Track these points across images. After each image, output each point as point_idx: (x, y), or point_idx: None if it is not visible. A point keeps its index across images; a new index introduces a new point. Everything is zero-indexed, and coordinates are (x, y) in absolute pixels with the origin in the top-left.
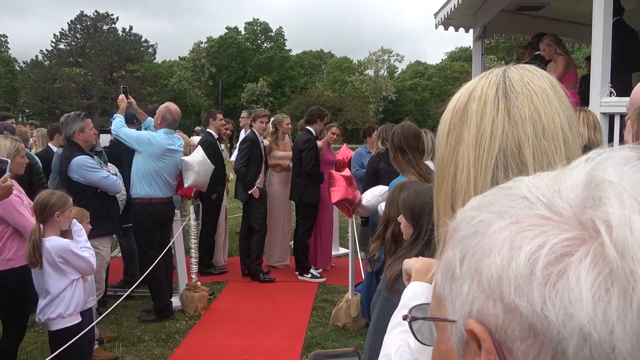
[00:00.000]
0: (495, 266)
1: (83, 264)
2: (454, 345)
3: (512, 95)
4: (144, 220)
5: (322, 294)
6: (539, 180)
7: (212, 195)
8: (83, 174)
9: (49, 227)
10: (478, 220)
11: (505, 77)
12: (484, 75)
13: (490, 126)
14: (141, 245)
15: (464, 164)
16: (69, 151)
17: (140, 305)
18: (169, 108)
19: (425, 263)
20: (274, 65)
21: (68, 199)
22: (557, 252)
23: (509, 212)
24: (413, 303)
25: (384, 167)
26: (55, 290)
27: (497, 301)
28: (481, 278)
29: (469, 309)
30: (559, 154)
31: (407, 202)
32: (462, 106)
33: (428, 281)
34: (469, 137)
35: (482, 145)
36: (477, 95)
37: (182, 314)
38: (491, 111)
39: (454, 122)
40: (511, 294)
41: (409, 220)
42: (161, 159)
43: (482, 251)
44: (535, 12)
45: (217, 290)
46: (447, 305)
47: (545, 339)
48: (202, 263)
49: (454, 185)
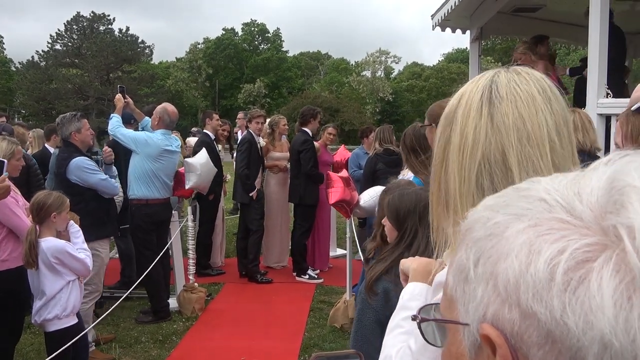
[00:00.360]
0: (513, 270)
1: (79, 265)
2: (465, 348)
3: (496, 100)
4: (140, 222)
5: (320, 295)
6: (556, 183)
7: (210, 196)
8: (81, 176)
9: (45, 228)
10: (494, 222)
11: (492, 81)
12: (475, 80)
13: (473, 132)
14: (138, 247)
15: (450, 170)
16: (67, 152)
17: (137, 306)
18: (166, 109)
19: (423, 263)
20: (271, 67)
21: (65, 200)
22: (578, 258)
23: (527, 215)
24: (412, 304)
25: (382, 168)
26: (50, 291)
27: (514, 306)
28: (497, 282)
29: (482, 312)
30: (545, 161)
31: (391, 205)
32: (452, 111)
33: (427, 282)
34: (454, 143)
35: (465, 152)
36: (464, 100)
37: (179, 315)
38: (474, 117)
39: (444, 127)
40: (529, 299)
41: (393, 223)
42: (158, 160)
43: (498, 254)
44: (532, 14)
45: (214, 291)
46: (459, 307)
47: (564, 347)
48: (200, 264)
49: (446, 190)
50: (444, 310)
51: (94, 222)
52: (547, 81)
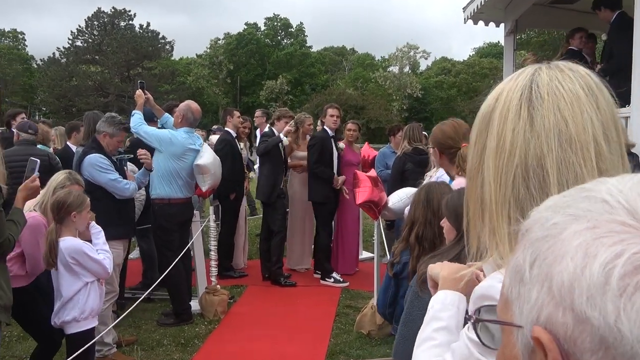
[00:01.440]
0: (568, 273)
1: (97, 267)
2: (519, 351)
3: (536, 101)
4: (163, 221)
5: (346, 299)
6: (622, 183)
7: (231, 195)
8: (92, 173)
9: (65, 228)
10: (552, 222)
11: (533, 80)
12: (514, 76)
13: (511, 136)
14: (160, 247)
15: (486, 176)
16: (88, 148)
17: (159, 308)
18: (189, 106)
19: (453, 269)
20: (294, 62)
21: (85, 199)
22: (635, 263)
23: (587, 216)
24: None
25: (411, 168)
26: (67, 292)
27: (567, 310)
28: (551, 284)
29: (536, 315)
30: (588, 167)
31: (450, 204)
32: (488, 111)
33: (460, 290)
34: (490, 147)
35: (502, 157)
36: (502, 100)
37: (201, 318)
38: (513, 119)
39: (480, 129)
40: (583, 303)
41: (453, 222)
42: (182, 159)
43: (554, 256)
44: (569, 5)
45: (237, 294)
46: (514, 309)
47: (617, 354)
48: (222, 266)
49: (482, 198)
50: (500, 312)
51: (106, 223)
52: (593, 77)
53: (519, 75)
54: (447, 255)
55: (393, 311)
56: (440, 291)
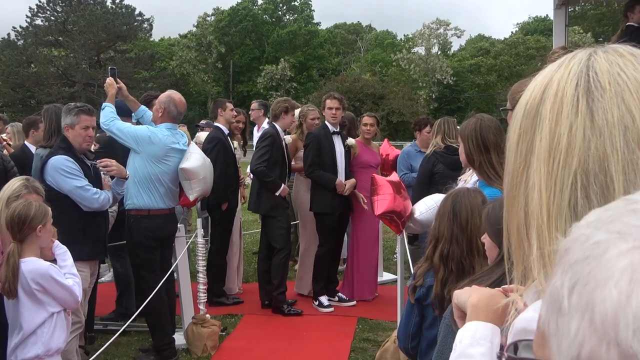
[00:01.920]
0: (611, 301)
1: (65, 294)
2: None
3: (596, 92)
4: (141, 237)
5: (363, 331)
6: None
7: (223, 205)
8: (56, 178)
9: (27, 246)
10: (594, 241)
11: (589, 66)
12: (564, 62)
13: (568, 134)
14: (138, 268)
15: (536, 182)
16: (56, 147)
17: (136, 342)
18: (172, 98)
19: (485, 296)
20: (298, 43)
21: (47, 209)
22: None
23: (633, 234)
24: (473, 351)
25: (441, 170)
26: (29, 325)
27: (612, 345)
28: (593, 315)
29: (577, 351)
30: None
31: (492, 217)
32: (534, 104)
33: (494, 321)
34: (540, 148)
35: (557, 159)
36: (552, 91)
37: (187, 354)
38: (569, 114)
39: (524, 126)
40: (629, 337)
41: (494, 238)
42: (163, 161)
43: (595, 281)
44: None
45: (230, 324)
46: (551, 344)
47: None
48: (212, 291)
49: (527, 209)
50: (536, 347)
51: (69, 239)
52: None
53: (570, 61)
54: (487, 280)
55: (417, 345)
56: (470, 322)
